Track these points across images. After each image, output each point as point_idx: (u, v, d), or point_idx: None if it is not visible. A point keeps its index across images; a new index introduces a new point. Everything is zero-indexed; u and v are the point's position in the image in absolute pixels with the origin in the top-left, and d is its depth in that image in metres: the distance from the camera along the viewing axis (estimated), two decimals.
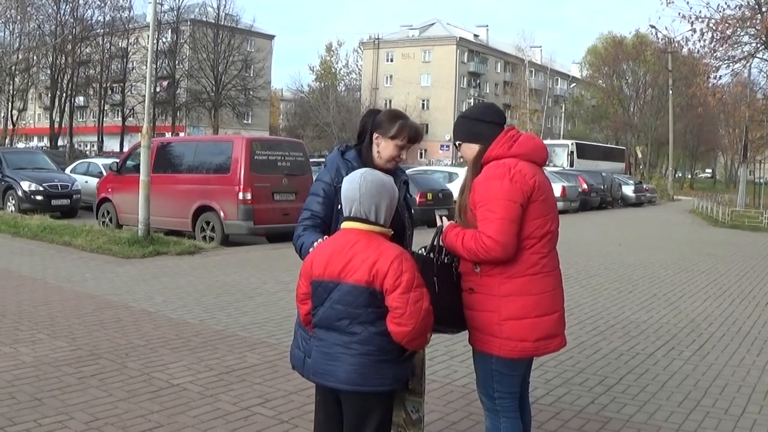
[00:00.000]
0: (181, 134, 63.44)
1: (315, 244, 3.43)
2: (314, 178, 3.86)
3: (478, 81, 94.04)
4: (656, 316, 8.91)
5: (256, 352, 6.78)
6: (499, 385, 3.57)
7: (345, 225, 3.24)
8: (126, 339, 7.05)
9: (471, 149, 3.62)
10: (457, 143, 3.71)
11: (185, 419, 5.00)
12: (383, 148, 3.74)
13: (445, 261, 3.56)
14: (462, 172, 25.26)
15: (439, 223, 3.64)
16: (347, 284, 3.11)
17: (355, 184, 3.21)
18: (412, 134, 3.75)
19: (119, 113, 70.15)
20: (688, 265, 13.68)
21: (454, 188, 22.85)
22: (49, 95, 63.09)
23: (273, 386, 5.73)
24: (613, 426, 5.11)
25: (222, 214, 14.89)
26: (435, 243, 3.58)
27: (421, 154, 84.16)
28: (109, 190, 17.53)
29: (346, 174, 3.54)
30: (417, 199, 19.37)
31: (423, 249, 3.60)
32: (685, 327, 8.31)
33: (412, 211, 4.02)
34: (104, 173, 20.87)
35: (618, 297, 10.17)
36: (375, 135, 3.74)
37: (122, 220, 16.90)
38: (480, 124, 3.61)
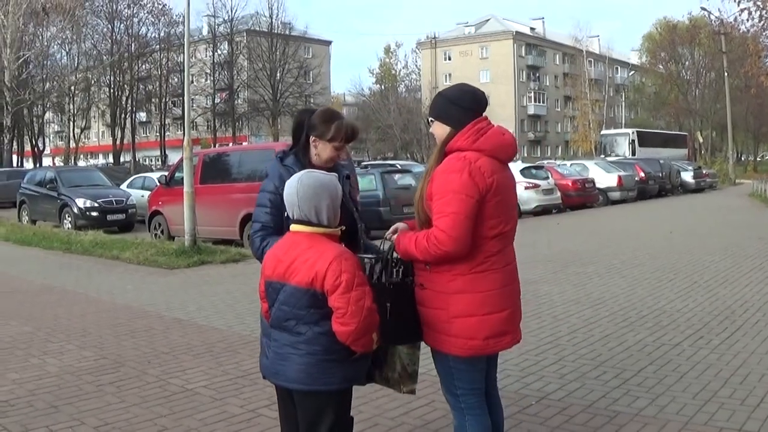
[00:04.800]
0: (244, 143, 64.32)
1: None
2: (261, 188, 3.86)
3: (537, 74, 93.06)
4: (692, 304, 8.71)
5: None
6: (460, 381, 3.52)
7: (291, 227, 3.29)
8: (152, 347, 7.21)
9: (442, 129, 3.53)
10: (430, 119, 3.62)
11: (191, 422, 5.10)
12: (321, 150, 3.74)
13: (399, 279, 3.53)
14: (513, 167, 25.14)
15: (389, 236, 3.61)
16: (291, 286, 3.16)
17: (293, 189, 3.25)
18: (348, 134, 3.75)
19: (181, 126, 71.48)
20: (735, 250, 13.30)
21: None
22: (110, 112, 64.72)
23: None
24: (620, 420, 5.00)
25: None
26: (389, 257, 3.54)
27: None
28: (160, 202, 17.89)
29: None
30: None
31: (371, 262, 3.56)
32: (719, 314, 8.09)
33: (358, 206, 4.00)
34: None
35: (657, 286, 9.97)
36: (312, 138, 3.75)
37: (173, 231, 17.20)
38: (454, 107, 3.53)
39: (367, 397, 5.42)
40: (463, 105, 3.53)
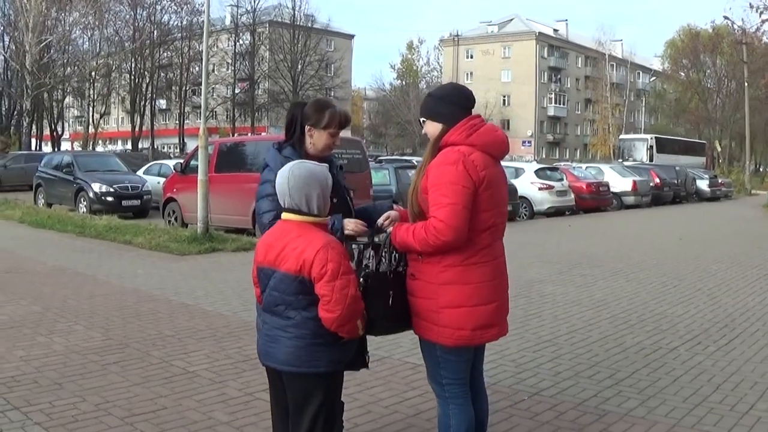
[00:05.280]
0: (263, 134, 64.62)
1: None
2: (261, 180, 3.93)
3: (558, 76, 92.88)
4: (693, 310, 8.77)
5: None
6: (446, 371, 3.61)
7: (282, 216, 3.40)
8: (157, 330, 7.36)
9: (434, 127, 3.65)
10: (421, 120, 3.74)
11: (189, 403, 5.25)
12: (317, 138, 3.87)
13: (394, 267, 3.64)
14: (528, 168, 25.20)
15: (382, 223, 3.72)
16: (280, 272, 3.29)
17: (284, 179, 3.36)
18: (342, 120, 3.89)
19: (200, 115, 71.72)
20: (743, 259, 13.32)
21: (519, 184, 22.76)
22: (130, 99, 65.06)
23: None
24: (609, 419, 5.09)
25: None
26: (387, 250, 3.64)
27: None
28: (174, 190, 18.04)
29: None
30: None
31: (359, 248, 3.67)
32: (719, 321, 8.15)
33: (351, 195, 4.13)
34: None
35: (661, 291, 10.03)
36: (307, 127, 3.87)
37: (187, 219, 17.32)
38: (444, 105, 3.64)
39: (363, 385, 5.56)
40: (453, 102, 3.65)
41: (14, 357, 6.28)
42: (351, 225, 3.65)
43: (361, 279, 3.49)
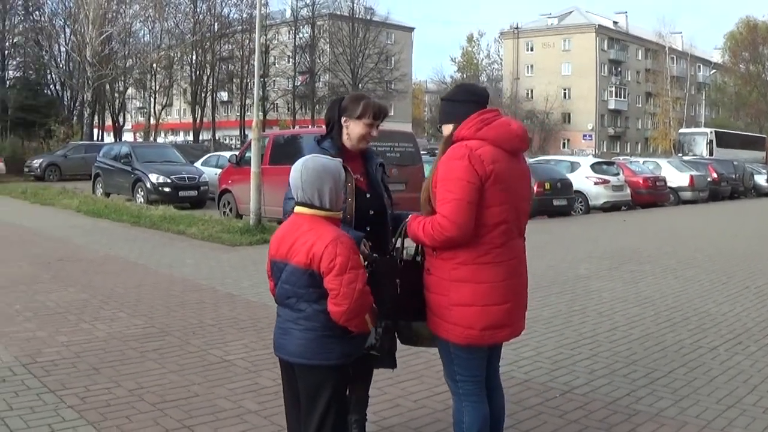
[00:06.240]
0: (324, 126, 64.88)
1: None
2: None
3: (619, 69, 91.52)
4: (738, 308, 8.59)
5: None
6: (460, 368, 3.61)
7: (296, 209, 3.44)
8: (199, 319, 7.51)
9: (447, 129, 3.67)
10: (438, 127, 3.76)
11: (221, 391, 5.35)
12: (352, 129, 3.97)
13: (411, 257, 3.70)
14: (584, 162, 24.92)
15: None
16: (291, 265, 3.33)
17: (297, 173, 3.40)
18: (375, 110, 3.97)
19: (261, 107, 72.36)
20: None
21: (575, 178, 22.56)
22: (191, 91, 65.92)
23: None
24: (638, 419, 5.02)
25: None
26: (401, 239, 3.71)
27: (564, 144, 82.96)
28: (230, 181, 18.26)
29: None
30: (535, 188, 19.14)
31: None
32: (763, 321, 7.94)
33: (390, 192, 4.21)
34: None
35: (709, 288, 9.85)
36: (343, 119, 3.98)
37: (241, 210, 17.43)
38: (452, 104, 3.67)
39: (395, 379, 5.58)
40: (459, 99, 3.67)
41: (56, 342, 6.48)
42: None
43: (366, 264, 3.50)
